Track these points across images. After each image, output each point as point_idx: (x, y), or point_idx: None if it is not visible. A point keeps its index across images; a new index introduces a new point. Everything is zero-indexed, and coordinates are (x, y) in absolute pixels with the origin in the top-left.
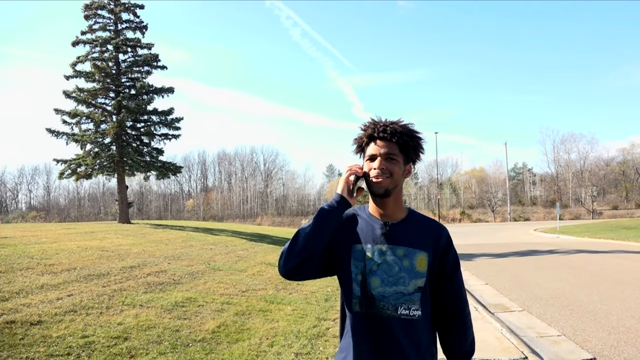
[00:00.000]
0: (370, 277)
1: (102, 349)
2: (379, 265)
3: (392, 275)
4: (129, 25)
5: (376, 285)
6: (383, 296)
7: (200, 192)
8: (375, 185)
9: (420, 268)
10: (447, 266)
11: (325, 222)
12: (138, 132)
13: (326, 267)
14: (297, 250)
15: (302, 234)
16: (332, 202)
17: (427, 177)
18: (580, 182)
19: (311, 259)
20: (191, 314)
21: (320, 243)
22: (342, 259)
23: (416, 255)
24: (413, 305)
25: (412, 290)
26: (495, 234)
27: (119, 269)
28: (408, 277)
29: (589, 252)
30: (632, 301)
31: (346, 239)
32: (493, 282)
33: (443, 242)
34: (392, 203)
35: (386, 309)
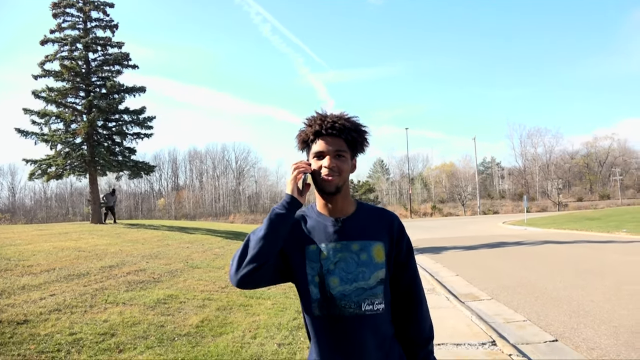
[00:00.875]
0: (329, 277)
1: (90, 344)
2: (336, 263)
3: (351, 272)
4: (98, 24)
5: (335, 285)
6: (344, 295)
7: (171, 191)
8: (326, 184)
9: (378, 259)
10: (402, 253)
11: (277, 226)
12: (109, 132)
13: (280, 273)
14: (249, 258)
15: (254, 240)
16: (282, 203)
17: (398, 172)
18: (547, 175)
19: (264, 266)
20: (174, 310)
21: (273, 248)
22: (296, 262)
23: (372, 247)
24: (376, 299)
25: (374, 283)
26: (465, 227)
27: (98, 269)
28: (368, 270)
29: (555, 242)
30: (592, 287)
31: (298, 242)
32: (463, 273)
33: (396, 230)
34: (341, 199)
35: (348, 307)
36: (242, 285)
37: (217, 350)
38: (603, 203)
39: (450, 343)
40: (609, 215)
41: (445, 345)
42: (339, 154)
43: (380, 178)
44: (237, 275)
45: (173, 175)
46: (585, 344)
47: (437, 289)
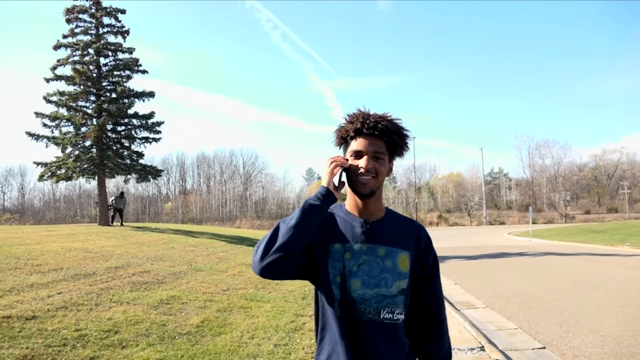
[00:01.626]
0: (350, 278)
1: (95, 340)
2: (360, 265)
3: (374, 277)
4: (110, 30)
5: (356, 288)
6: (364, 299)
7: (178, 195)
8: (361, 186)
9: (402, 268)
10: (427, 267)
11: (310, 217)
12: (119, 136)
13: (303, 268)
14: (277, 246)
15: (284, 228)
16: (318, 195)
17: (405, 181)
18: (554, 187)
19: (290, 257)
20: (176, 310)
21: (302, 239)
22: (319, 259)
23: (398, 255)
24: (397, 309)
25: (395, 292)
26: (470, 238)
27: (104, 269)
28: (391, 278)
29: (557, 254)
30: (587, 298)
31: (322, 238)
32: (462, 282)
33: (423, 243)
34: (373, 202)
35: (367, 312)
36: (264, 274)
37: (216, 348)
38: (610, 216)
39: None
40: (614, 228)
41: None
42: (377, 155)
43: (387, 186)
44: (261, 263)
45: (181, 179)
46: (572, 352)
47: None
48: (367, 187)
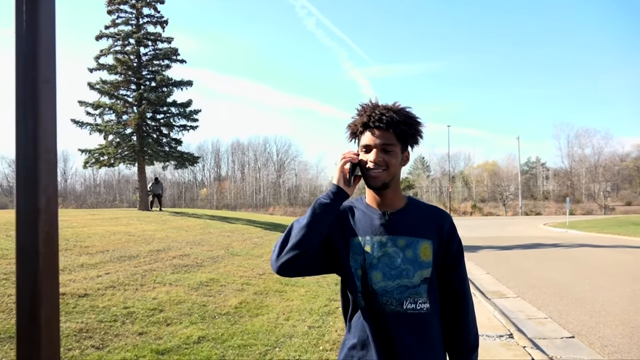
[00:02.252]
0: (371, 271)
1: (142, 317)
2: (380, 258)
3: (395, 268)
4: (149, 20)
5: (378, 280)
6: (386, 291)
7: (213, 181)
8: (372, 180)
9: (424, 257)
10: (451, 255)
11: (321, 215)
12: (158, 123)
13: (323, 262)
14: (290, 244)
15: (297, 227)
16: (328, 193)
17: (439, 169)
18: (594, 178)
19: (305, 254)
20: (215, 292)
21: (315, 238)
22: (340, 253)
23: (419, 245)
24: (420, 298)
25: (418, 282)
26: (504, 228)
27: (146, 252)
28: (412, 268)
29: (592, 246)
30: (620, 291)
31: (343, 232)
32: (494, 271)
33: (447, 230)
34: (390, 193)
35: (390, 304)
36: (282, 272)
37: (254, 328)
38: None
39: None
40: None
41: None
42: (386, 148)
43: (420, 175)
44: (277, 262)
45: (216, 166)
46: (600, 342)
47: None
48: (378, 180)
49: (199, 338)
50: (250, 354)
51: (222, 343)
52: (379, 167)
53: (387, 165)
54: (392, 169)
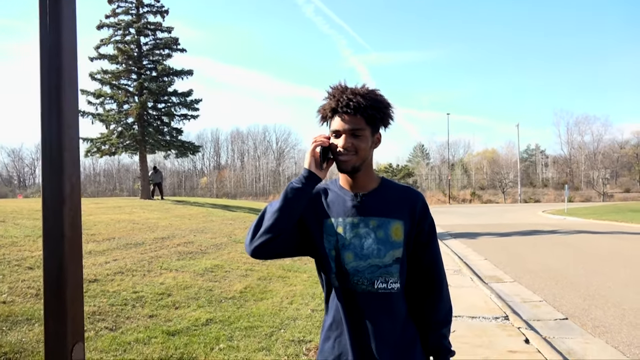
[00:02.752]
0: (344, 251)
1: (151, 301)
2: (351, 238)
3: (366, 248)
4: (150, 10)
5: (350, 260)
6: (357, 270)
7: (213, 170)
8: (342, 164)
9: (396, 238)
10: (423, 234)
11: (293, 200)
12: (159, 113)
13: (297, 245)
14: (263, 228)
15: (270, 212)
16: (300, 177)
17: (439, 157)
18: (593, 165)
19: (278, 238)
20: (220, 277)
21: (288, 221)
22: (314, 235)
23: (390, 225)
24: (391, 278)
25: (389, 261)
26: (503, 215)
27: (151, 240)
28: (384, 248)
29: (589, 232)
30: (614, 275)
31: (316, 214)
32: (492, 257)
33: (419, 209)
34: (362, 175)
35: (361, 283)
36: (255, 255)
37: (259, 311)
38: None
39: (466, 316)
40: None
41: (461, 317)
42: (355, 132)
43: (420, 163)
44: (251, 245)
45: (215, 154)
46: (592, 323)
47: (463, 271)
48: (348, 164)
49: (207, 320)
50: (257, 334)
51: (230, 325)
52: (349, 152)
53: (357, 150)
54: (361, 152)
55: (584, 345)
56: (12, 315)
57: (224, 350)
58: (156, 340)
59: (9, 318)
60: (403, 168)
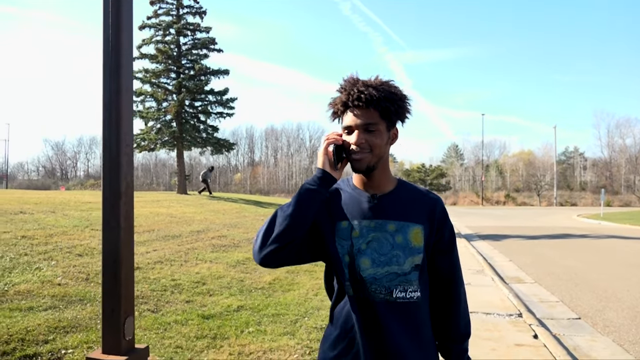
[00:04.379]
0: (359, 257)
1: (188, 288)
2: (369, 243)
3: (384, 254)
4: (189, 11)
5: (366, 267)
6: (375, 278)
7: (247, 166)
8: (355, 163)
9: (415, 243)
10: (443, 241)
11: (307, 203)
12: (196, 111)
13: (309, 251)
14: (275, 235)
15: (281, 216)
16: (314, 178)
17: (473, 158)
18: (634, 169)
19: (290, 245)
20: (251, 270)
21: (301, 227)
22: (327, 239)
23: (410, 229)
24: (410, 287)
25: (409, 269)
26: (535, 218)
27: (188, 232)
28: (403, 254)
29: (621, 237)
30: (635, 280)
31: (329, 217)
32: (516, 259)
33: (438, 215)
34: (378, 175)
35: (378, 292)
36: (264, 264)
37: (286, 301)
38: None
39: (481, 312)
40: None
41: (476, 313)
42: (369, 127)
43: (453, 163)
44: (260, 253)
45: (249, 151)
46: (603, 323)
47: (485, 271)
48: (362, 163)
49: (238, 307)
50: (283, 321)
51: (258, 312)
52: (363, 149)
53: (371, 147)
54: (376, 150)
55: (590, 342)
56: (67, 296)
57: (252, 333)
58: (192, 322)
59: (64, 298)
60: (436, 168)
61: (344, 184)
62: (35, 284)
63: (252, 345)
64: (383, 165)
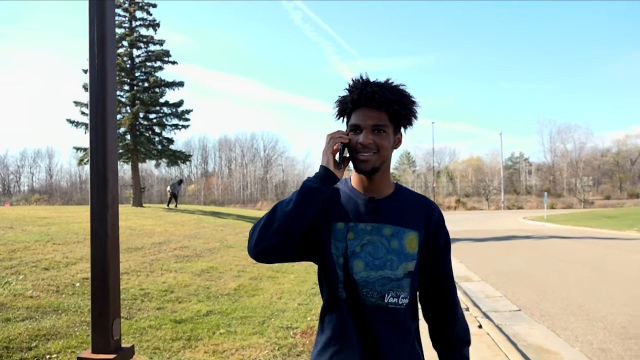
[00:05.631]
0: (353, 259)
1: (157, 297)
2: (363, 246)
3: (379, 258)
4: (142, 23)
5: (359, 270)
6: (367, 282)
7: (200, 178)
8: (361, 163)
9: (410, 249)
10: (438, 247)
11: (309, 201)
12: (150, 123)
13: (303, 249)
14: (273, 230)
15: (281, 212)
16: (317, 176)
17: (424, 164)
18: (575, 172)
19: (288, 241)
20: (215, 277)
21: (301, 224)
22: (322, 239)
23: (405, 235)
24: (402, 293)
25: (401, 275)
26: (484, 222)
27: (150, 244)
28: (397, 260)
29: (561, 237)
30: (569, 274)
31: (325, 217)
32: (466, 260)
33: (435, 221)
34: (379, 178)
35: (370, 296)
36: (260, 258)
37: (252, 305)
38: (631, 202)
39: None
40: (627, 214)
41: None
42: (378, 128)
43: (406, 170)
44: (256, 248)
45: (203, 162)
46: (539, 312)
47: None
48: (367, 164)
49: (207, 312)
50: (251, 322)
51: (227, 315)
52: (370, 149)
53: (378, 148)
54: (383, 152)
55: (528, 330)
56: (41, 307)
57: (224, 334)
58: (166, 326)
59: (38, 309)
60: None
61: (342, 184)
62: (7, 297)
63: (225, 344)
64: (385, 169)
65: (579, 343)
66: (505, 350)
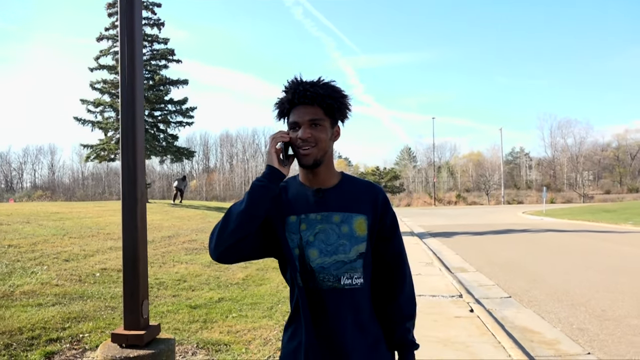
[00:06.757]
0: (308, 249)
1: (171, 286)
2: (316, 235)
3: (331, 244)
4: (147, 22)
5: (314, 257)
6: (322, 267)
7: (202, 173)
8: (303, 158)
9: (360, 232)
10: (385, 228)
11: (259, 199)
12: (155, 120)
13: (263, 246)
14: (229, 230)
15: (235, 212)
16: (263, 174)
17: (425, 160)
18: (575, 167)
19: (245, 240)
20: (224, 269)
21: (254, 222)
22: (278, 234)
23: (354, 220)
24: (355, 273)
25: (354, 257)
26: (484, 216)
27: (160, 238)
28: (349, 243)
29: (558, 231)
30: (559, 265)
31: (279, 212)
32: (463, 253)
33: (380, 204)
34: (323, 170)
35: (327, 280)
36: (221, 260)
37: (260, 293)
38: (630, 196)
39: (428, 295)
40: (625, 208)
41: (423, 296)
42: (314, 122)
43: (407, 165)
44: (217, 250)
45: (204, 157)
46: (528, 299)
47: (434, 263)
48: (309, 157)
49: (219, 299)
50: (260, 308)
51: (238, 302)
52: (309, 143)
53: (317, 141)
54: (321, 144)
55: (515, 313)
56: (67, 294)
57: (236, 317)
58: (183, 311)
59: (65, 296)
60: (390, 171)
61: (292, 181)
62: (36, 285)
63: (238, 326)
64: (328, 160)
65: (560, 324)
66: (492, 330)
